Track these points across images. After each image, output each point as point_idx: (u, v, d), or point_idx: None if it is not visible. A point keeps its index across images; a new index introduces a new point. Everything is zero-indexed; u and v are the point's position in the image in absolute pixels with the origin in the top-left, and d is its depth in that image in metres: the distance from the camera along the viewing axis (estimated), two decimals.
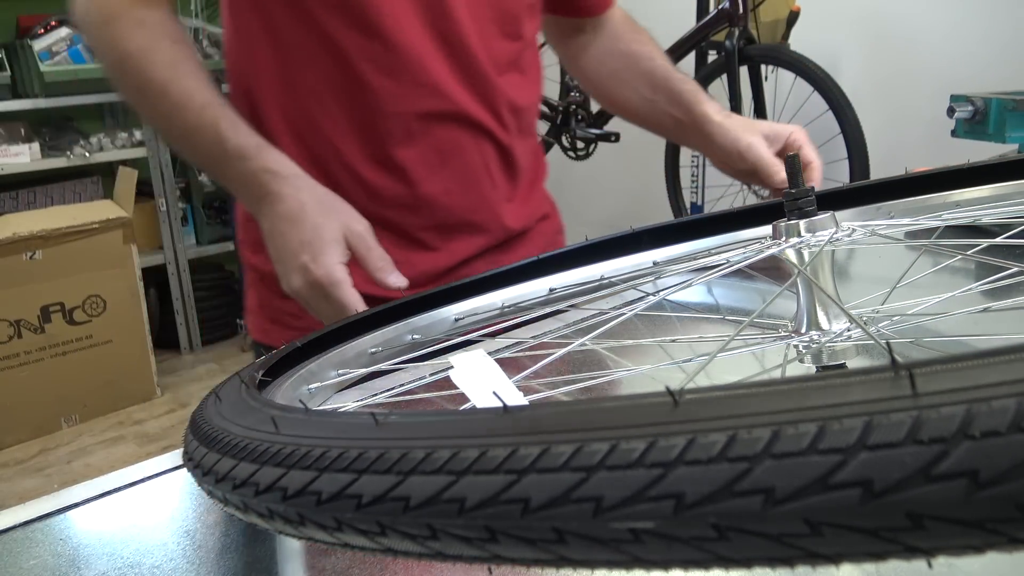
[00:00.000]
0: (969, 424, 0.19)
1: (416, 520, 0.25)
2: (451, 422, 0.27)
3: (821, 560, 0.21)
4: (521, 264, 0.69)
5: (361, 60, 0.87)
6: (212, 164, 0.85)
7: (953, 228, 0.63)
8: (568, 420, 0.24)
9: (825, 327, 0.48)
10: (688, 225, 0.73)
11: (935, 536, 0.19)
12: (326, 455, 0.28)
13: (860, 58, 2.69)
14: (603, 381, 0.52)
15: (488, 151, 0.96)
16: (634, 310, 0.49)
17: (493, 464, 0.24)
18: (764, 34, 2.59)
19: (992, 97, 1.48)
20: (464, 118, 0.93)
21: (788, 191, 0.51)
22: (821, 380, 0.21)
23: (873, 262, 0.90)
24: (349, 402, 0.50)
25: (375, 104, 0.89)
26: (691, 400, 0.22)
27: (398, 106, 0.89)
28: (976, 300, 0.56)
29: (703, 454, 0.21)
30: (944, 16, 2.48)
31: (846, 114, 2.21)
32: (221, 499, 0.33)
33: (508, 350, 0.60)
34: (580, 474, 0.22)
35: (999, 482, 0.18)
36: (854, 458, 0.19)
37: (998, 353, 0.20)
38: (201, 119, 0.82)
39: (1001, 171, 0.64)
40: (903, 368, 0.20)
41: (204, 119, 0.82)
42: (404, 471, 0.25)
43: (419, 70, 0.89)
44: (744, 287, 0.85)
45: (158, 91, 0.83)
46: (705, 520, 0.21)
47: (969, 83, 1.82)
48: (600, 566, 0.23)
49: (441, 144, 0.92)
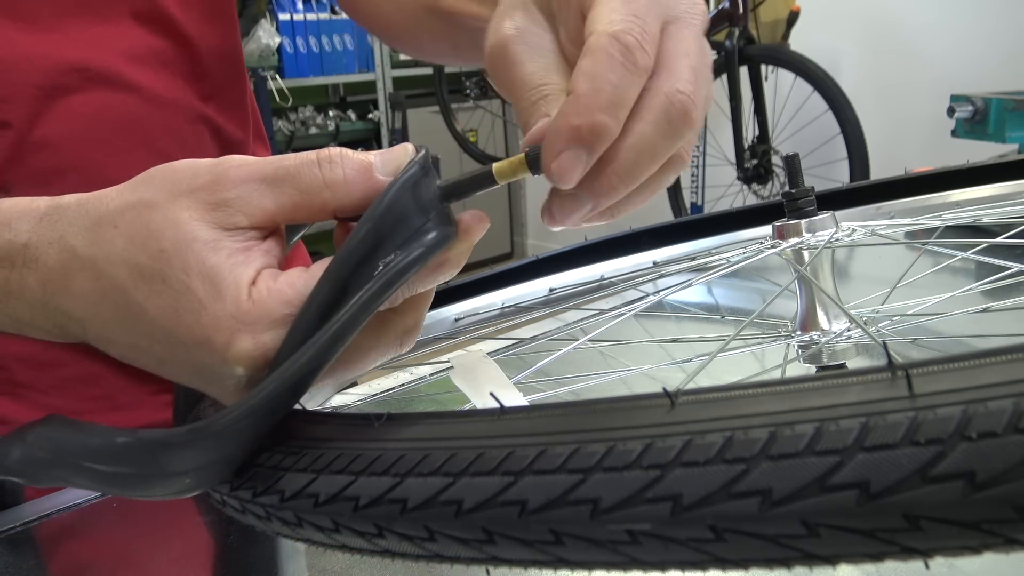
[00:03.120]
0: (966, 425, 0.19)
1: (414, 522, 0.25)
2: (449, 424, 0.27)
3: (818, 561, 0.21)
4: (521, 264, 0.69)
5: None
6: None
7: (953, 228, 0.63)
8: (565, 421, 0.24)
9: (825, 327, 0.48)
10: (688, 225, 0.73)
11: (932, 537, 0.19)
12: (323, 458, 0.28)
13: (860, 58, 2.69)
14: (603, 381, 0.52)
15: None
16: (634, 310, 0.49)
17: (490, 466, 0.24)
18: (764, 34, 2.59)
19: (992, 97, 1.48)
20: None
21: (788, 191, 0.51)
22: (818, 381, 0.21)
23: (873, 262, 0.90)
24: (349, 402, 0.50)
25: None
26: (688, 401, 0.22)
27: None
28: (976, 300, 0.56)
29: (700, 456, 0.21)
30: (944, 16, 2.48)
31: (846, 114, 2.21)
32: (219, 501, 0.33)
33: (508, 350, 0.60)
34: (577, 476, 0.22)
35: (996, 483, 0.18)
36: (851, 459, 0.19)
37: (995, 353, 0.20)
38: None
39: (1001, 171, 0.64)
40: (900, 369, 0.20)
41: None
42: (401, 473, 0.25)
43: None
44: (744, 287, 0.85)
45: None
46: (702, 522, 0.21)
47: (969, 83, 1.82)
48: (597, 567, 0.23)
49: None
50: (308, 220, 0.34)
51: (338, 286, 0.31)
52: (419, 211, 0.32)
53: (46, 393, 0.64)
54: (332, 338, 0.30)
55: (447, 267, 0.35)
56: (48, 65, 0.60)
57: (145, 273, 0.33)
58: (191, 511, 0.58)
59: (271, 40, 3.44)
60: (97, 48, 0.62)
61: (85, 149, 0.62)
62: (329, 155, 0.34)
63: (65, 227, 0.35)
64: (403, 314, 0.35)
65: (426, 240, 0.32)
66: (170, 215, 0.33)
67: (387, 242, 0.31)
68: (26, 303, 0.36)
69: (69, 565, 0.53)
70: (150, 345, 0.34)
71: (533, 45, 0.37)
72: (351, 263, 0.31)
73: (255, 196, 0.33)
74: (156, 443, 0.30)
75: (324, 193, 0.33)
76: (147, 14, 0.64)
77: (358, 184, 0.33)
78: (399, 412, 0.29)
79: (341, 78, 3.82)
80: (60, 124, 0.61)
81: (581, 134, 0.32)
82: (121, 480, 0.31)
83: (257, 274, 0.33)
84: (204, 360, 0.33)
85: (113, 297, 0.34)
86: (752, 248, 0.54)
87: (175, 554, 0.52)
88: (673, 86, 0.33)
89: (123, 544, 0.55)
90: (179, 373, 0.35)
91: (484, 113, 3.75)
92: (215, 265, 0.32)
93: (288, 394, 0.30)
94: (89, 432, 0.31)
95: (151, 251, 0.33)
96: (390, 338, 0.36)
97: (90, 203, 0.36)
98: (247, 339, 0.32)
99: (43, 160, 0.61)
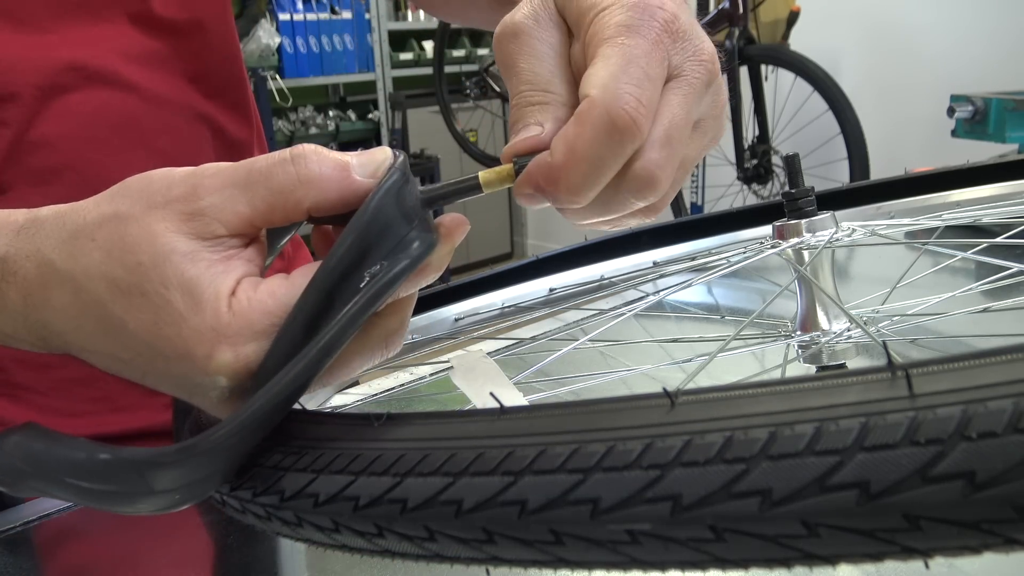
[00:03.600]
0: (966, 425, 0.19)
1: (414, 522, 0.25)
2: (449, 424, 0.27)
3: (818, 561, 0.21)
4: (521, 264, 0.69)
5: None
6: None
7: (953, 228, 0.63)
8: (565, 421, 0.24)
9: (825, 327, 0.48)
10: (688, 225, 0.73)
11: (932, 537, 0.19)
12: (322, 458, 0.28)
13: (860, 58, 2.69)
14: (603, 381, 0.52)
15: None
16: (634, 310, 0.49)
17: (490, 466, 0.23)
18: (764, 34, 2.59)
19: (992, 97, 1.48)
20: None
21: (788, 191, 0.51)
22: (818, 381, 0.21)
23: (873, 262, 0.90)
24: (349, 402, 0.50)
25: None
26: (688, 401, 0.22)
27: None
28: (976, 300, 0.56)
29: (700, 456, 0.21)
30: (944, 16, 2.48)
31: (846, 114, 2.21)
32: (219, 501, 0.33)
33: (508, 350, 0.60)
34: (577, 476, 0.22)
35: (996, 483, 0.18)
36: (851, 459, 0.19)
37: (995, 353, 0.20)
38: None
39: (1001, 171, 0.64)
40: (900, 369, 0.20)
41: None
42: (401, 473, 0.25)
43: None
44: (744, 287, 0.85)
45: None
46: (702, 522, 0.21)
47: (969, 83, 1.82)
48: (597, 567, 0.23)
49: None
50: (284, 221, 0.34)
51: (323, 297, 0.31)
52: (403, 219, 0.32)
53: (45, 395, 0.64)
54: (320, 352, 0.30)
55: (429, 271, 0.35)
56: (46, 65, 0.60)
57: (123, 287, 0.32)
58: (191, 511, 0.58)
59: (271, 40, 3.44)
60: (95, 48, 0.62)
61: (83, 148, 0.62)
62: (303, 151, 0.33)
63: (42, 240, 0.35)
64: (386, 317, 0.35)
65: (411, 250, 0.32)
66: (146, 228, 0.32)
67: (373, 252, 0.31)
68: (8, 316, 0.36)
69: (69, 565, 0.53)
70: (132, 358, 0.34)
71: (546, 43, 0.37)
72: (336, 274, 0.31)
73: (229, 202, 0.33)
74: (143, 463, 0.30)
75: (298, 191, 0.32)
76: (141, 16, 0.64)
77: (333, 182, 0.33)
78: (399, 412, 0.29)
79: (341, 78, 3.82)
80: (58, 123, 0.61)
81: (547, 193, 0.34)
82: (105, 497, 0.30)
83: (237, 284, 0.32)
84: (185, 372, 0.33)
85: (93, 311, 0.33)
86: (752, 248, 0.54)
87: (175, 554, 0.52)
88: (644, 155, 0.33)
89: (123, 544, 0.55)
90: (162, 385, 0.35)
91: (484, 113, 3.75)
92: (193, 277, 0.32)
93: (277, 408, 0.30)
94: (70, 446, 0.31)
95: (128, 265, 0.32)
96: (374, 342, 0.35)
97: (67, 216, 0.35)
98: (227, 351, 0.31)
99: (41, 159, 0.61)
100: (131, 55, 0.64)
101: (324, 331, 0.30)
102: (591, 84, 0.32)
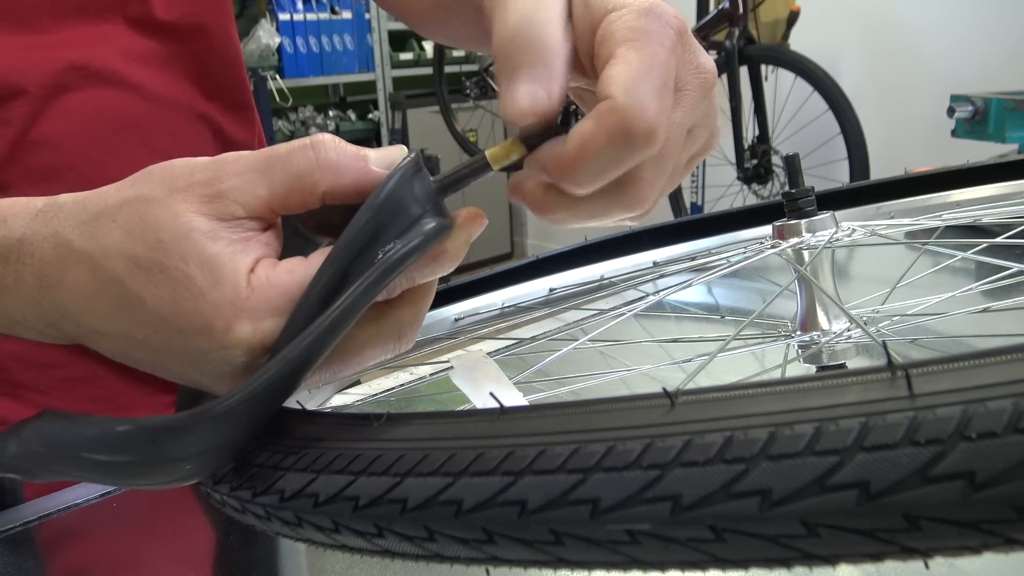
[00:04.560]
0: (966, 425, 0.19)
1: (413, 522, 0.25)
2: (448, 424, 0.27)
3: (818, 561, 0.21)
4: (521, 264, 0.69)
5: None
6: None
7: (953, 228, 0.63)
8: (565, 421, 0.24)
9: (825, 327, 0.48)
10: (688, 225, 0.73)
11: (932, 537, 0.19)
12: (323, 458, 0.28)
13: (860, 58, 2.69)
14: (603, 381, 0.52)
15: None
16: (634, 310, 0.49)
17: (490, 466, 0.23)
18: (764, 34, 2.59)
19: (992, 97, 1.48)
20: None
21: (788, 191, 0.51)
22: (818, 381, 0.21)
23: (873, 262, 0.90)
24: (349, 402, 0.50)
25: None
26: (688, 401, 0.22)
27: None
28: (976, 300, 0.56)
29: (700, 456, 0.21)
30: (944, 16, 2.48)
31: (846, 114, 2.21)
32: (219, 501, 0.33)
33: (508, 350, 0.60)
34: (577, 476, 0.22)
35: (996, 483, 0.18)
36: (851, 460, 0.19)
37: (995, 353, 0.20)
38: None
39: (1001, 171, 0.64)
40: (900, 369, 0.20)
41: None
42: (401, 473, 0.25)
43: None
44: (744, 287, 0.85)
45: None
46: (702, 522, 0.21)
47: (969, 83, 1.82)
48: (597, 567, 0.23)
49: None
50: (300, 207, 0.34)
51: (338, 275, 0.31)
52: (417, 203, 0.33)
53: (45, 393, 0.64)
54: (332, 324, 0.30)
55: (445, 259, 0.35)
56: (48, 64, 0.60)
57: (143, 264, 0.33)
58: (191, 511, 0.58)
59: (271, 40, 3.44)
60: (97, 48, 0.62)
61: (84, 148, 0.62)
62: (322, 138, 0.34)
63: (61, 222, 0.35)
64: (400, 307, 0.35)
65: (424, 229, 0.33)
66: (168, 207, 0.33)
67: (386, 231, 0.32)
68: (19, 299, 0.36)
69: (69, 565, 0.53)
70: (146, 336, 0.34)
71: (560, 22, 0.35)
72: (351, 252, 0.32)
73: (248, 185, 0.33)
74: (156, 428, 0.30)
75: (315, 174, 0.33)
76: (142, 19, 0.64)
77: (350, 168, 0.33)
78: (399, 412, 0.29)
79: (341, 78, 3.82)
80: (59, 123, 0.61)
81: (551, 177, 0.34)
82: (120, 469, 0.31)
83: (256, 262, 0.33)
84: (202, 347, 0.33)
85: (110, 290, 0.34)
86: (752, 248, 0.54)
87: (175, 554, 0.52)
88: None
89: (123, 544, 0.55)
90: (174, 364, 0.35)
91: (484, 113, 3.74)
92: (214, 253, 0.32)
93: (288, 380, 0.31)
94: (84, 423, 0.31)
95: (149, 242, 0.33)
96: (388, 332, 0.35)
97: (88, 200, 0.36)
98: (246, 325, 0.32)
99: (41, 159, 0.61)
100: (133, 55, 0.64)
101: (336, 304, 0.31)
102: (614, 85, 0.32)
